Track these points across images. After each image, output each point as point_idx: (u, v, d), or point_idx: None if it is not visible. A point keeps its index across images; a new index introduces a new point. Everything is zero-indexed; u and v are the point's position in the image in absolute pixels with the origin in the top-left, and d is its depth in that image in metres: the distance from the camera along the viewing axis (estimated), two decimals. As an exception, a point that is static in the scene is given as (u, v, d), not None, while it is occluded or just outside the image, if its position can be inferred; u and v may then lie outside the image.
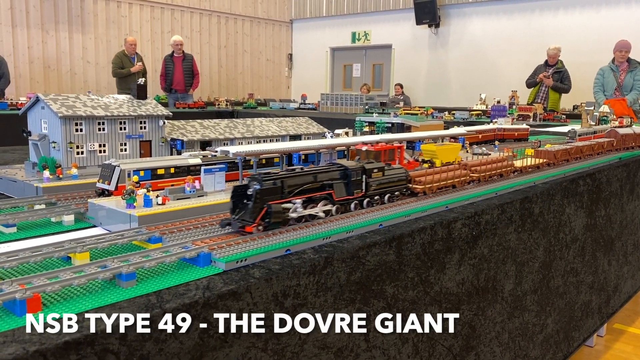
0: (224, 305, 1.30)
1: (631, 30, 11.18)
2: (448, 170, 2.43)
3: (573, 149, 3.50)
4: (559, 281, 3.13)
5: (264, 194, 1.61)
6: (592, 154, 3.77)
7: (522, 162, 3.01)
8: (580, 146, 3.62)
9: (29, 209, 1.91)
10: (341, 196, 1.89)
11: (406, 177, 2.20)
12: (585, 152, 3.66)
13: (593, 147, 3.80)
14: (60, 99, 2.42)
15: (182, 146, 2.61)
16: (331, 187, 1.86)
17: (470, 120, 8.06)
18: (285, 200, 1.67)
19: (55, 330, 1.06)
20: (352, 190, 1.93)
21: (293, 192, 1.72)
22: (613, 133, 4.33)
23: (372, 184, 2.02)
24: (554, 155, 3.27)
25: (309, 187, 1.78)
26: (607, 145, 4.02)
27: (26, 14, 12.10)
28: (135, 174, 2.00)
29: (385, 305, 1.85)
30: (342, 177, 1.92)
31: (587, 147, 3.71)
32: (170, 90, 11.77)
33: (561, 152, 3.35)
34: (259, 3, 17.05)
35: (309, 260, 1.55)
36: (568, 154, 3.43)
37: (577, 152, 3.56)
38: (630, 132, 4.49)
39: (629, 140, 4.45)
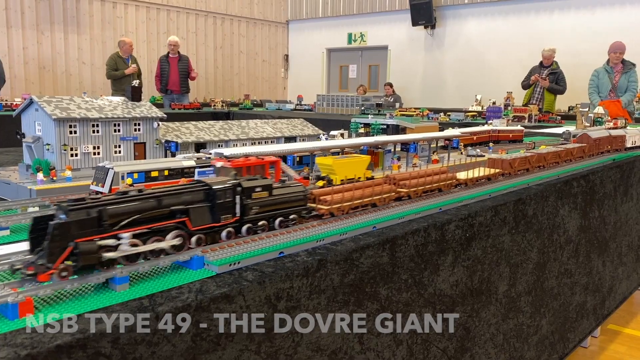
0: (217, 308, 1.30)
1: (626, 31, 11.23)
2: (366, 186, 2.05)
3: (534, 157, 3.14)
4: (553, 282, 3.14)
5: (69, 228, 1.21)
6: (558, 162, 3.41)
7: (468, 174, 2.61)
8: (543, 154, 3.26)
9: (23, 212, 1.90)
10: (202, 224, 1.49)
11: (304, 196, 1.80)
12: (549, 159, 3.30)
13: (560, 155, 3.42)
14: (54, 101, 2.42)
15: (176, 148, 2.61)
16: (186, 213, 1.45)
17: (466, 122, 8.08)
18: (106, 235, 1.27)
19: (47, 333, 1.06)
20: (218, 216, 1.52)
21: (121, 223, 1.31)
22: (585, 137, 3.95)
23: (253, 206, 1.61)
24: (509, 165, 2.91)
25: (149, 215, 1.38)
26: (577, 151, 3.63)
27: (21, 14, 12.07)
28: (129, 176, 2.00)
29: (379, 307, 1.85)
30: (206, 199, 1.52)
31: (552, 154, 3.34)
32: (166, 91, 11.76)
33: (519, 161, 2.99)
34: (255, 4, 17.06)
35: (303, 262, 1.55)
36: (528, 163, 3.09)
37: (539, 161, 3.19)
38: (605, 134, 4.11)
39: (604, 144, 4.07)
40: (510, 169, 2.91)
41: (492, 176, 2.76)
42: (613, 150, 4.21)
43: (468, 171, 2.62)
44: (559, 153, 3.40)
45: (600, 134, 4.04)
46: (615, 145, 4.27)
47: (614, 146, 4.26)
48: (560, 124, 7.96)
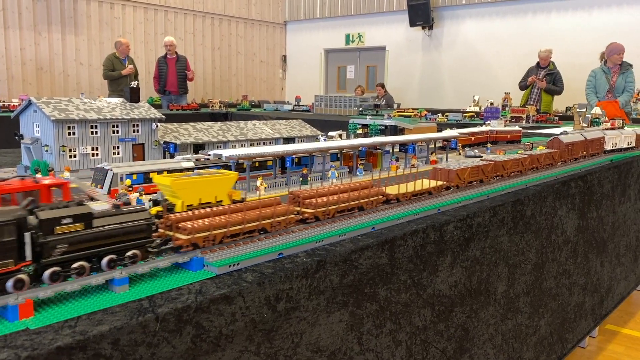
0: (217, 309, 1.30)
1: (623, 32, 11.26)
2: (249, 207, 1.63)
3: (489, 166, 2.74)
4: (552, 283, 3.14)
5: None
6: (521, 171, 3.02)
7: (400, 189, 2.22)
8: (501, 162, 2.85)
9: (21, 213, 1.90)
10: None
11: (148, 226, 1.40)
12: (509, 168, 2.89)
13: (522, 162, 3.01)
14: (53, 102, 2.41)
15: (175, 149, 2.61)
16: None
17: (464, 122, 8.09)
18: None
19: (47, 335, 1.06)
20: None
21: None
22: (556, 142, 3.54)
23: (58, 245, 1.21)
24: (456, 176, 2.49)
25: None
26: (544, 158, 3.24)
27: (19, 15, 12.05)
28: (128, 177, 2.00)
29: (378, 308, 1.85)
30: None
31: (512, 162, 2.92)
32: (164, 92, 11.75)
33: (469, 172, 2.58)
34: (253, 4, 17.05)
35: (302, 263, 1.55)
36: (481, 174, 2.68)
37: (495, 170, 2.80)
38: (580, 139, 3.72)
39: (578, 150, 3.67)
40: (457, 181, 2.49)
41: (433, 190, 2.35)
42: (589, 155, 3.87)
43: (401, 185, 2.25)
44: (521, 161, 3.00)
45: (573, 138, 3.65)
46: (592, 150, 3.90)
47: (591, 150, 3.89)
48: (557, 124, 7.97)
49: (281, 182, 2.34)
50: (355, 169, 2.70)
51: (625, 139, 4.54)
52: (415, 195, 2.26)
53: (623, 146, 4.48)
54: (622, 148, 4.47)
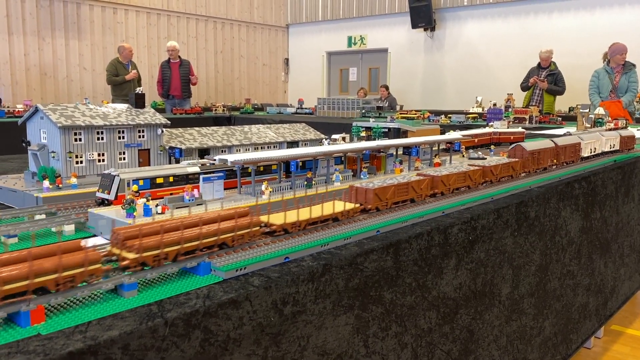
0: (224, 313, 1.32)
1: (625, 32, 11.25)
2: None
3: (424, 182, 2.30)
4: (556, 284, 3.15)
5: None
6: (473, 185, 2.61)
7: (289, 217, 1.74)
8: (440, 177, 2.39)
9: (30, 219, 1.92)
10: None
11: None
12: (451, 184, 2.46)
13: (470, 176, 2.59)
14: (59, 108, 2.44)
15: (180, 154, 2.63)
16: None
17: (467, 124, 8.10)
18: None
19: (59, 340, 1.08)
20: None
21: None
22: (519, 150, 3.12)
23: None
24: (375, 197, 2.06)
25: None
26: (501, 170, 2.82)
27: (22, 21, 12.12)
28: (134, 183, 2.02)
29: (383, 311, 1.87)
30: None
31: (456, 177, 2.49)
32: (168, 96, 11.80)
33: (394, 191, 2.14)
34: (255, 8, 17.10)
35: (308, 267, 1.56)
36: (412, 192, 2.24)
37: (432, 187, 2.37)
38: (548, 145, 3.31)
39: (545, 158, 3.26)
40: (377, 203, 2.07)
41: (342, 215, 1.92)
42: (561, 163, 3.45)
43: (296, 211, 1.77)
44: (468, 174, 2.57)
45: (540, 145, 3.24)
46: (565, 157, 3.48)
47: (564, 159, 3.47)
48: (561, 125, 7.98)
49: (286, 186, 2.36)
50: (359, 172, 2.71)
51: (607, 143, 4.16)
52: (313, 224, 1.81)
53: (604, 150, 4.10)
54: (604, 152, 4.10)
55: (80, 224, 1.90)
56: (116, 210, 1.87)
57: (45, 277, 1.17)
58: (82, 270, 1.23)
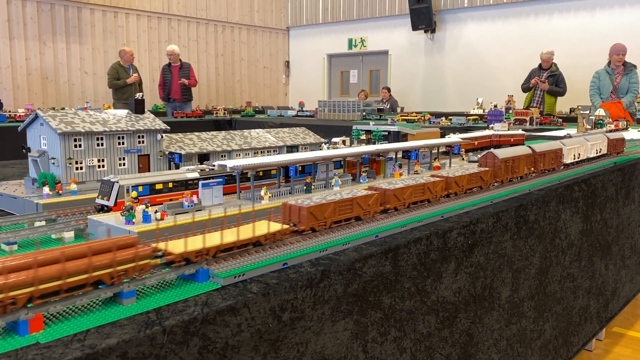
0: (223, 320, 1.32)
1: (625, 32, 11.26)
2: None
3: (371, 198, 2.04)
4: (556, 287, 3.15)
5: None
6: (434, 199, 2.36)
7: (191, 244, 1.46)
8: (393, 190, 2.15)
9: (30, 226, 1.93)
10: None
11: None
12: (405, 199, 2.20)
13: (431, 189, 2.33)
14: (59, 115, 2.45)
15: (180, 159, 2.64)
16: None
17: (467, 126, 8.10)
18: None
19: (57, 349, 1.08)
20: None
21: None
22: (490, 158, 2.82)
23: None
24: (311, 217, 1.82)
25: None
26: (468, 181, 2.57)
27: (24, 25, 12.16)
28: (134, 189, 2.03)
29: (382, 316, 1.87)
30: None
31: (411, 191, 2.23)
32: (169, 100, 11.84)
33: (334, 209, 1.89)
34: (256, 11, 17.13)
35: (306, 273, 1.57)
36: (358, 208, 1.99)
37: (383, 203, 2.13)
38: (524, 152, 3.04)
39: (521, 166, 2.98)
40: (313, 222, 1.83)
41: (266, 239, 1.66)
42: (540, 171, 3.20)
43: (198, 237, 1.52)
44: (427, 187, 2.31)
45: (515, 152, 2.97)
46: (544, 165, 3.23)
47: (543, 166, 3.21)
48: (561, 126, 7.98)
49: (285, 191, 2.37)
50: (359, 177, 2.72)
51: (593, 148, 3.90)
52: (226, 251, 1.55)
53: (590, 156, 3.85)
54: (590, 158, 3.85)
55: (80, 230, 1.90)
56: (115, 217, 1.87)
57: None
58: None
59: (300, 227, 1.82)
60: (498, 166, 2.80)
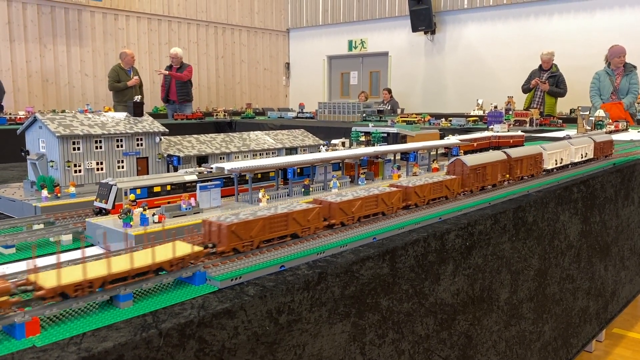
0: (219, 323, 1.32)
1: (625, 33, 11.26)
2: None
3: (316, 210, 1.82)
4: (555, 288, 3.15)
5: None
6: (390, 212, 2.14)
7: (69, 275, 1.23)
8: (345, 202, 1.94)
9: (28, 229, 1.93)
10: None
11: None
12: (357, 211, 1.99)
13: (385, 200, 2.10)
14: (58, 118, 2.45)
15: (178, 162, 2.64)
16: None
17: (467, 127, 8.10)
18: None
19: (54, 352, 1.08)
20: None
21: None
22: (459, 165, 2.61)
23: None
24: (232, 236, 1.58)
25: None
26: (430, 190, 2.33)
27: (24, 28, 12.18)
28: (132, 192, 2.03)
29: (380, 318, 1.87)
30: None
31: (369, 201, 2.04)
32: (168, 101, 11.86)
33: (262, 227, 1.65)
34: (256, 13, 17.15)
35: (303, 276, 1.57)
36: (293, 224, 1.75)
37: (332, 217, 1.92)
38: (499, 158, 2.83)
39: (494, 174, 2.77)
40: (235, 242, 1.59)
41: (172, 265, 1.40)
42: (517, 178, 2.99)
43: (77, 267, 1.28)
44: (381, 198, 2.08)
45: (487, 159, 2.74)
46: (521, 171, 3.01)
47: (520, 173, 3.00)
48: (561, 127, 7.97)
49: (283, 194, 2.37)
50: (357, 179, 2.72)
51: (577, 152, 3.66)
52: (117, 281, 1.29)
53: (574, 160, 3.62)
54: (574, 163, 3.63)
55: (78, 233, 1.91)
56: (113, 220, 1.88)
57: None
58: None
59: (219, 249, 1.57)
60: (467, 174, 2.60)
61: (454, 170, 2.63)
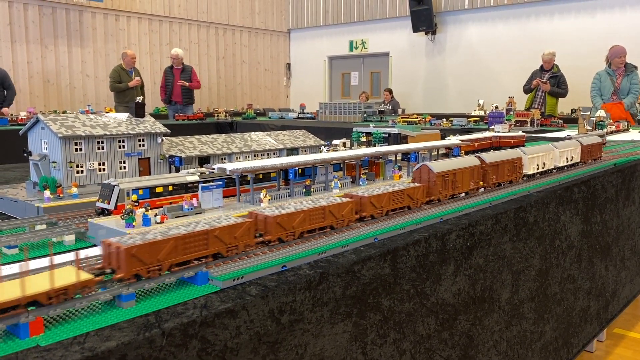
0: (222, 323, 1.33)
1: (626, 34, 11.26)
2: None
3: (245, 224, 1.59)
4: (556, 288, 3.16)
5: None
6: (338, 225, 1.92)
7: None
8: (284, 215, 1.73)
9: (31, 230, 1.94)
10: None
11: None
12: (299, 225, 1.78)
13: (334, 213, 1.89)
14: (60, 119, 2.46)
15: (180, 162, 2.65)
16: None
17: (468, 127, 8.10)
18: None
19: (57, 352, 1.09)
20: None
21: None
22: (424, 172, 2.40)
23: None
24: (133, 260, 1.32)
25: None
26: (388, 200, 2.13)
27: (25, 29, 12.20)
28: (134, 192, 2.04)
29: (381, 318, 1.88)
30: None
31: (315, 214, 1.83)
32: (170, 102, 11.86)
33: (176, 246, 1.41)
34: (257, 14, 17.17)
35: (305, 276, 1.58)
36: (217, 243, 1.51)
37: (268, 232, 1.70)
38: (472, 164, 2.61)
39: (464, 181, 2.56)
40: (136, 267, 1.33)
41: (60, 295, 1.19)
42: (492, 185, 2.79)
43: None
44: (329, 211, 1.87)
45: (457, 165, 2.53)
46: (497, 178, 2.81)
47: (495, 179, 2.80)
48: (562, 127, 7.98)
49: (285, 194, 2.38)
50: (358, 179, 2.73)
51: (562, 155, 3.44)
52: None
53: (559, 165, 3.42)
54: (559, 167, 3.43)
55: (81, 233, 1.92)
56: (116, 220, 1.89)
57: None
58: None
59: (117, 276, 1.33)
60: (433, 182, 2.39)
61: (420, 177, 2.43)
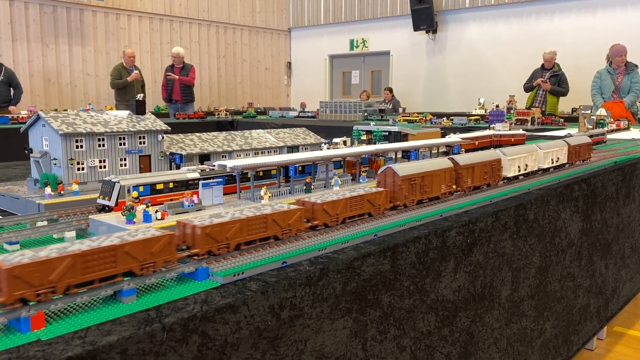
0: (222, 318, 1.34)
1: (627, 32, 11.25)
2: None
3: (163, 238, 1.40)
4: (556, 286, 3.16)
5: None
6: (288, 235, 1.75)
7: None
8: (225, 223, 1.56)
9: (32, 226, 1.95)
10: None
11: None
12: (234, 237, 1.59)
13: (282, 222, 1.71)
14: (61, 116, 2.47)
15: (180, 160, 2.66)
16: None
17: (469, 126, 8.10)
18: None
19: (58, 346, 1.10)
20: None
21: None
22: (389, 176, 2.23)
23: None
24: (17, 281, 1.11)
25: None
26: (345, 206, 1.96)
27: (26, 27, 12.20)
28: (134, 189, 2.04)
29: (381, 315, 1.88)
30: None
31: (256, 222, 1.65)
32: (170, 101, 11.87)
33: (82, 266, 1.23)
34: (257, 12, 17.17)
35: (305, 272, 1.58)
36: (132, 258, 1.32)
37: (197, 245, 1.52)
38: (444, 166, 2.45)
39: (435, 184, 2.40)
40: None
41: None
42: (466, 189, 2.61)
43: None
44: (272, 219, 1.69)
45: (426, 167, 2.36)
46: (473, 181, 2.64)
47: (471, 182, 2.63)
48: (563, 126, 7.97)
49: (285, 191, 2.38)
50: (359, 176, 2.73)
51: (547, 157, 3.27)
52: None
53: (543, 166, 3.24)
54: (543, 169, 3.26)
55: (81, 230, 1.92)
56: (117, 217, 1.89)
57: None
58: None
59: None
60: (398, 186, 2.21)
61: (384, 181, 2.25)
